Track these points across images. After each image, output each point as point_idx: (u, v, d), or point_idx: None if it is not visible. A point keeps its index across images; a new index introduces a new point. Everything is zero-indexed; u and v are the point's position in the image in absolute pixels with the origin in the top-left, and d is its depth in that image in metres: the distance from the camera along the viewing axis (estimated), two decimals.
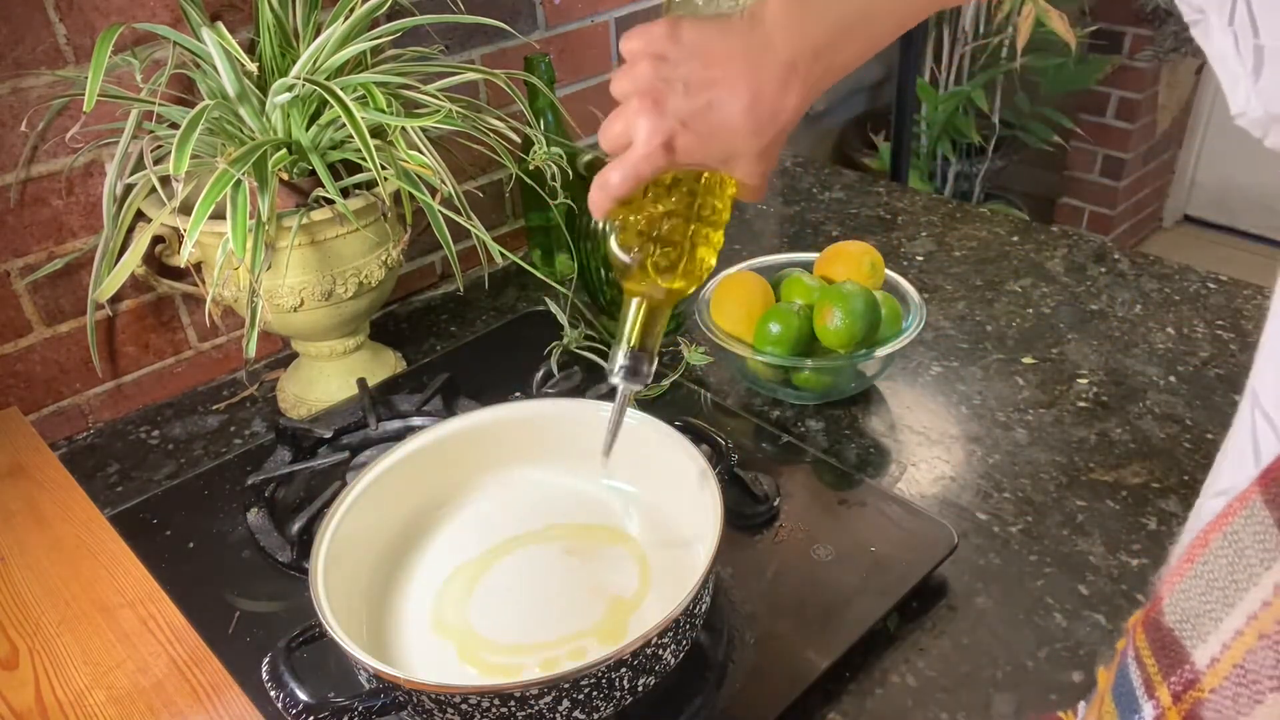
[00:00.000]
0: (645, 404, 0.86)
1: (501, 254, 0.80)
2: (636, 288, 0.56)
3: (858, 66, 0.52)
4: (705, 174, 0.55)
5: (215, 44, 0.72)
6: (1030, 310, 1.01)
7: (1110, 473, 0.79)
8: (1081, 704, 0.44)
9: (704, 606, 0.59)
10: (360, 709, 0.52)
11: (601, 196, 0.54)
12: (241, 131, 0.76)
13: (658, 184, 0.55)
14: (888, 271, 0.91)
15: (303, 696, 0.52)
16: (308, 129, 0.78)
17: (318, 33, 0.78)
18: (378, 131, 0.78)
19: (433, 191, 0.77)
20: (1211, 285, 1.04)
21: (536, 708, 0.51)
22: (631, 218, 0.55)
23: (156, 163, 0.76)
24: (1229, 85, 0.31)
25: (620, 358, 0.56)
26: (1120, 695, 0.33)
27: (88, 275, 0.86)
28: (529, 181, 0.88)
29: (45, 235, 0.84)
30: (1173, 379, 0.90)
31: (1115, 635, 0.65)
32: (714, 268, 0.58)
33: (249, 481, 0.77)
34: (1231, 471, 0.33)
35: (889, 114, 1.93)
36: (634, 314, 0.56)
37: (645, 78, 0.51)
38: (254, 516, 0.75)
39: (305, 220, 0.77)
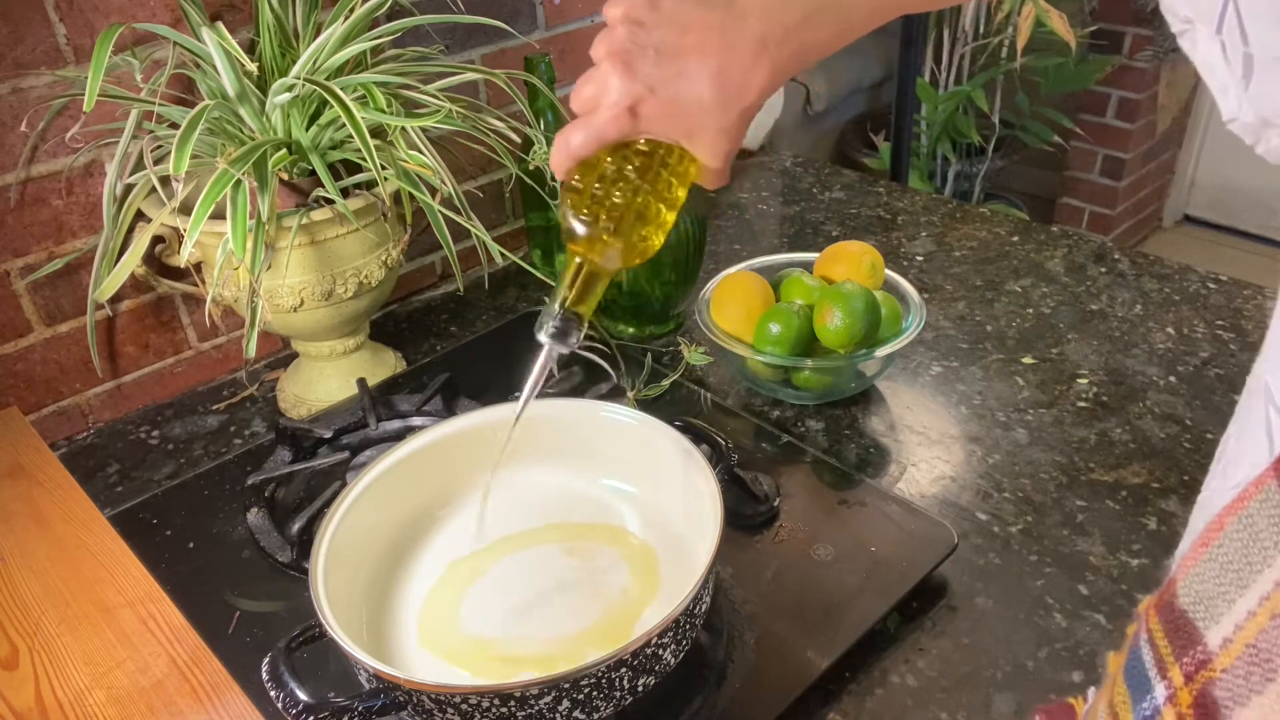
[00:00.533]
0: (645, 404, 0.86)
1: (501, 254, 0.80)
2: (579, 250, 0.55)
3: (831, 51, 0.52)
4: (667, 150, 0.54)
5: (215, 44, 0.72)
6: (1030, 310, 1.01)
7: (1110, 473, 0.79)
8: (1091, 689, 0.44)
9: (704, 606, 0.59)
10: (360, 709, 0.52)
11: (562, 156, 0.54)
12: (241, 131, 0.76)
13: (619, 153, 0.54)
14: (888, 271, 0.91)
15: (303, 696, 0.52)
16: (308, 129, 0.78)
17: (318, 33, 0.78)
18: (378, 131, 0.78)
19: (433, 191, 0.77)
20: (1211, 285, 1.04)
21: (536, 708, 0.51)
22: (586, 181, 0.54)
23: (156, 163, 0.76)
24: (1219, 92, 0.32)
25: (553, 318, 0.55)
26: (1132, 676, 0.33)
27: (88, 275, 0.86)
28: (529, 181, 0.89)
29: (45, 235, 0.84)
30: (1173, 379, 0.90)
31: (1116, 635, 0.65)
32: (658, 248, 0.57)
33: (249, 481, 0.77)
34: (1247, 468, 0.33)
35: (889, 114, 1.94)
36: (573, 277, 0.56)
37: (619, 41, 0.51)
38: (254, 516, 0.75)
39: (305, 220, 0.77)
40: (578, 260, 0.55)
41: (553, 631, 0.61)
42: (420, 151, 0.76)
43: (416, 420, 0.85)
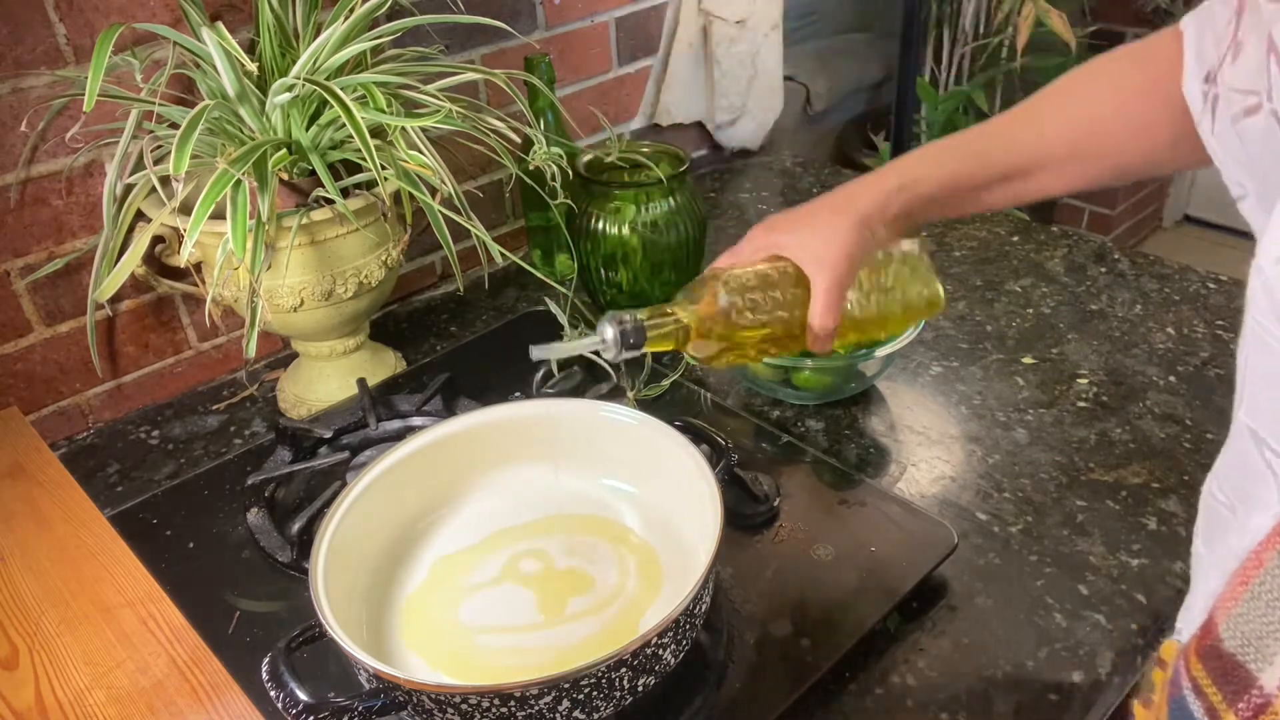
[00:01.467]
0: (645, 404, 0.86)
1: (501, 254, 0.80)
2: (692, 331, 0.65)
3: (929, 216, 0.67)
4: (786, 312, 0.65)
5: (215, 44, 0.72)
6: (1030, 310, 1.01)
7: (1110, 473, 0.79)
8: None
9: (704, 606, 0.59)
10: (360, 709, 0.52)
11: (718, 265, 0.67)
12: (241, 131, 0.76)
13: (757, 306, 0.65)
14: None
15: (303, 696, 0.52)
16: (308, 129, 0.78)
17: (318, 33, 0.78)
18: (378, 131, 0.78)
19: (433, 191, 0.77)
20: (1211, 285, 1.04)
21: (536, 708, 0.51)
22: (726, 306, 0.65)
23: (156, 163, 0.76)
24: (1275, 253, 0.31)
25: (627, 328, 0.63)
26: None
27: (88, 275, 0.86)
28: (529, 181, 0.88)
29: (45, 235, 0.84)
30: (1173, 379, 0.90)
31: (1115, 635, 0.65)
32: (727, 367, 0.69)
33: (249, 481, 0.77)
34: (1260, 514, 0.32)
35: (889, 114, 1.93)
36: (670, 328, 0.64)
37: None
38: (254, 516, 0.75)
39: (305, 220, 0.77)
40: (682, 326, 0.64)
41: (553, 631, 0.61)
42: (420, 151, 0.76)
43: (416, 420, 0.85)
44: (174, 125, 0.74)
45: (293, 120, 0.77)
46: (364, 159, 0.72)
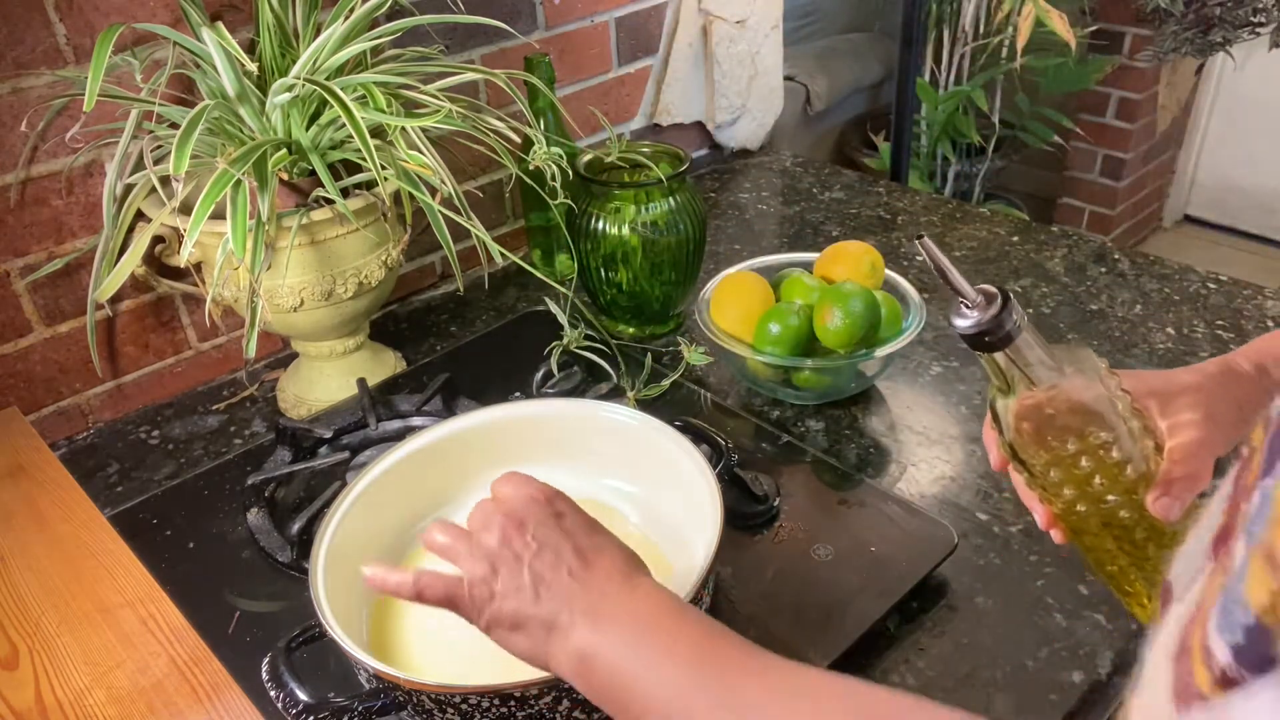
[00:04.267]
0: (645, 404, 0.86)
1: (501, 254, 0.80)
2: (1028, 456, 0.54)
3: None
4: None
5: (215, 44, 0.72)
6: (1030, 310, 1.01)
7: None
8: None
9: (704, 606, 0.59)
10: (360, 709, 0.52)
11: None
12: (241, 131, 0.76)
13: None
14: (888, 271, 0.91)
15: (303, 696, 0.52)
16: (308, 129, 0.78)
17: (318, 33, 0.78)
18: (378, 131, 0.78)
19: (433, 191, 0.77)
20: (1211, 285, 1.04)
21: (536, 707, 0.51)
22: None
23: (156, 163, 0.76)
24: None
25: (1009, 321, 0.50)
26: None
27: (88, 275, 0.86)
28: (529, 181, 0.88)
29: (45, 235, 0.84)
30: None
31: (1115, 635, 0.65)
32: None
33: (249, 481, 0.77)
34: None
35: (889, 114, 1.93)
36: (1012, 404, 0.53)
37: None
38: (254, 516, 0.75)
39: (305, 220, 0.77)
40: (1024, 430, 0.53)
41: None
42: (420, 151, 0.76)
43: (416, 420, 0.85)
44: (174, 125, 0.74)
45: (293, 120, 0.77)
46: (364, 159, 0.72)
